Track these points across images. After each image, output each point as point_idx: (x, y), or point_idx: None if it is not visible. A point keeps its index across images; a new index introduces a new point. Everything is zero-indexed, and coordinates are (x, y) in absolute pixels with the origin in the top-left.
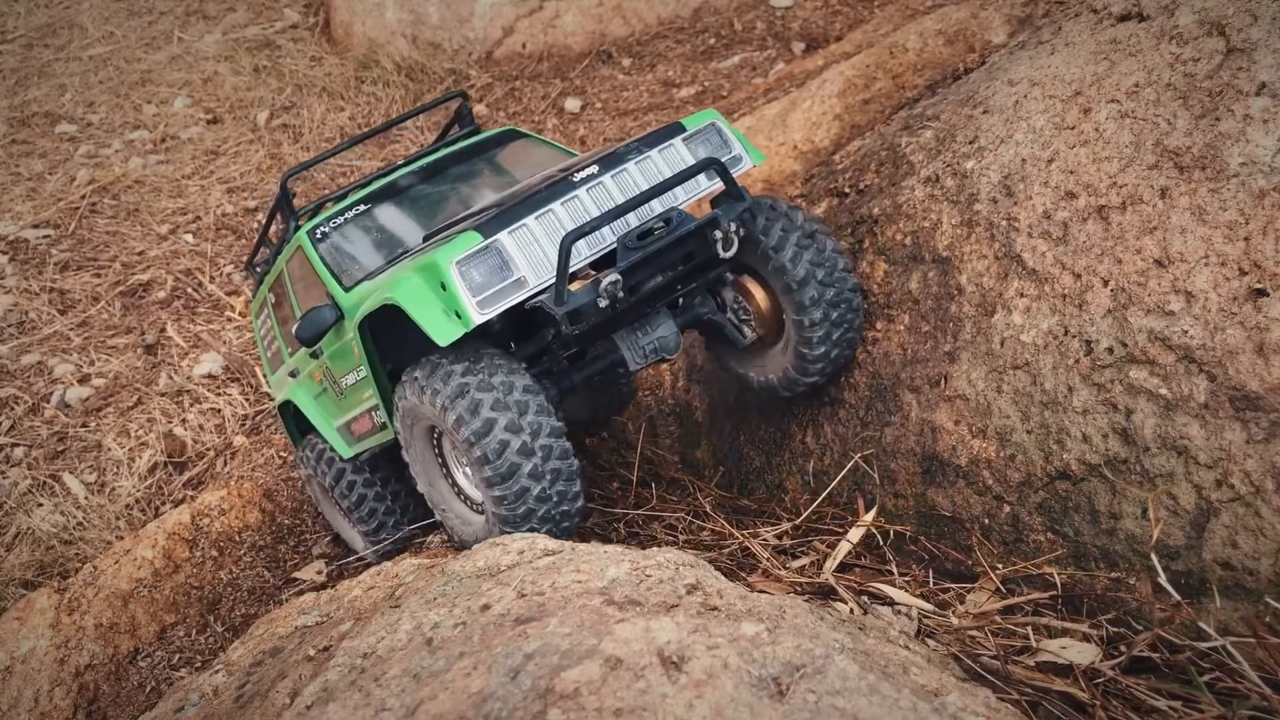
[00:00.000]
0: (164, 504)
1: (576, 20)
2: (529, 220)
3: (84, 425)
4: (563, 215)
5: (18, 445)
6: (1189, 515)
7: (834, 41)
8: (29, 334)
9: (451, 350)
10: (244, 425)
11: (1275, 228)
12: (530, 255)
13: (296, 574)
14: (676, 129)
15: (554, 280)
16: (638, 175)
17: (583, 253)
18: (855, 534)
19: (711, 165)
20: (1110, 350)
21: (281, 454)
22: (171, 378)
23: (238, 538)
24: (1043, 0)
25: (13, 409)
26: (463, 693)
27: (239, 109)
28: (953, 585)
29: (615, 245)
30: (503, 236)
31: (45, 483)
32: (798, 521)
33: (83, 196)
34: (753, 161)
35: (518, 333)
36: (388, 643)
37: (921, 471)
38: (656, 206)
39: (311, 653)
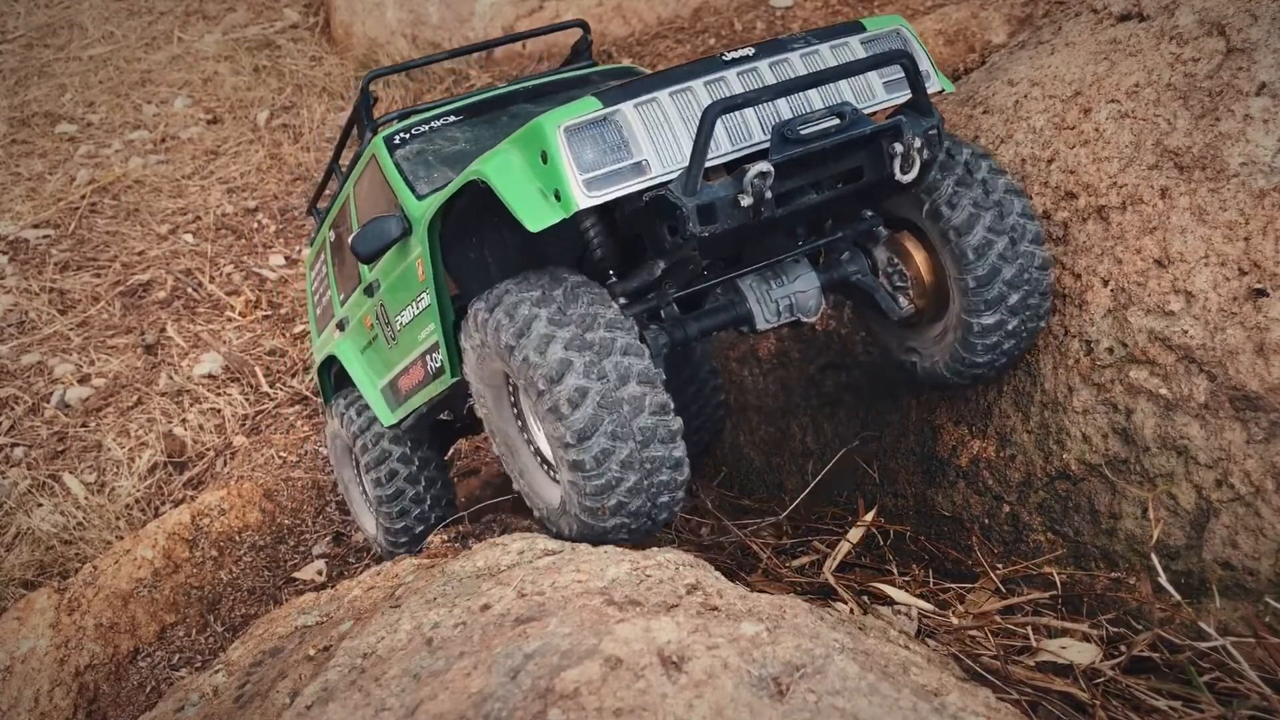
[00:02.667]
0: (164, 504)
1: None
2: (661, 95)
3: (84, 425)
4: (703, 97)
5: (18, 445)
6: (1189, 515)
7: None
8: (29, 334)
9: (527, 275)
10: (244, 425)
11: (1275, 228)
12: (658, 137)
13: (296, 574)
14: (855, 27)
15: (683, 168)
16: (800, 69)
17: (721, 146)
18: (855, 534)
19: (900, 59)
20: (1110, 350)
21: (281, 454)
22: (171, 378)
23: (238, 538)
24: (1043, 0)
25: (13, 409)
26: (463, 693)
27: (239, 109)
28: (953, 585)
29: (764, 143)
30: (626, 108)
31: (45, 483)
32: (782, 515)
33: (83, 196)
34: (941, 85)
35: (622, 267)
36: (388, 643)
37: (921, 471)
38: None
39: (311, 653)
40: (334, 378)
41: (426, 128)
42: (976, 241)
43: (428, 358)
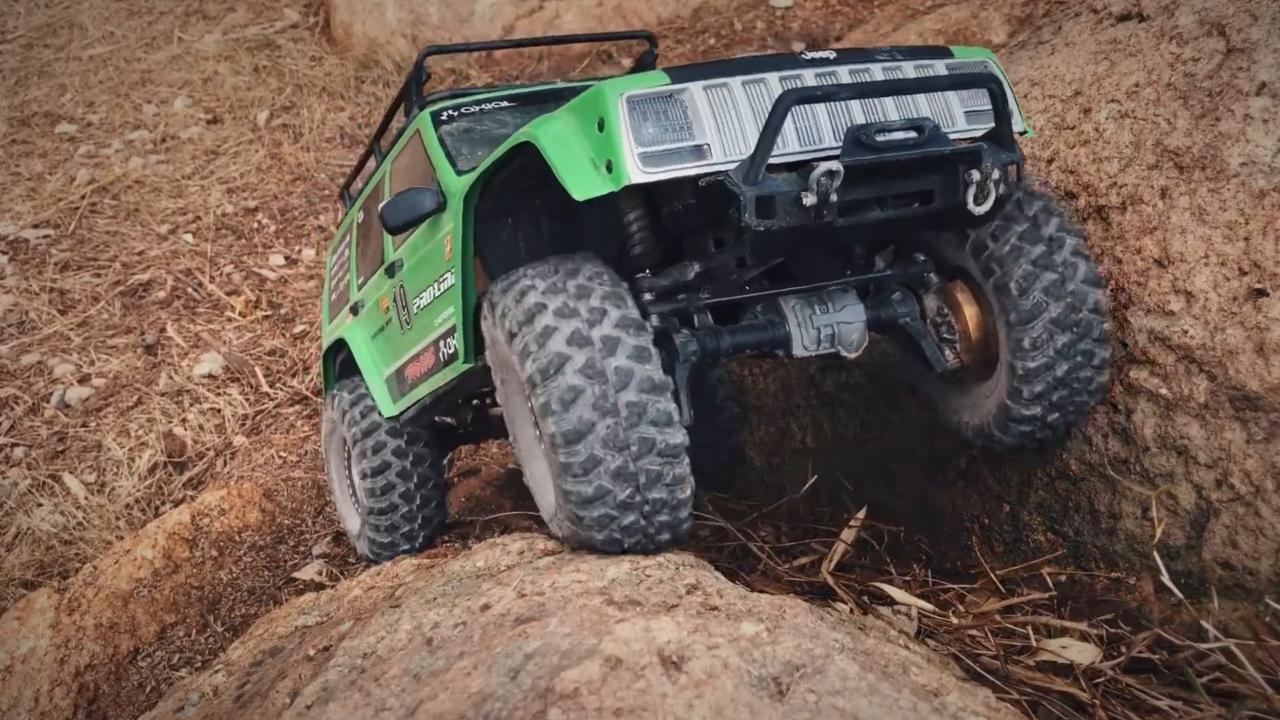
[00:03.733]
0: (164, 504)
1: (576, 20)
2: (733, 81)
3: (84, 425)
4: (776, 89)
5: (18, 445)
6: (1189, 515)
7: (834, 42)
8: (29, 334)
9: (548, 260)
10: (244, 425)
11: (1275, 228)
12: (723, 123)
13: (296, 574)
14: (943, 51)
15: (748, 156)
16: (880, 79)
17: (789, 143)
18: (849, 534)
19: (989, 84)
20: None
21: (281, 454)
22: (171, 378)
23: (238, 538)
24: (1043, 0)
25: (13, 409)
26: (463, 692)
27: (239, 109)
28: (953, 585)
29: (834, 151)
30: (695, 88)
31: (45, 483)
32: (765, 510)
33: (83, 196)
34: (1023, 127)
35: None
36: (388, 643)
37: (921, 471)
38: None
39: (311, 653)
40: (339, 367)
41: (477, 109)
42: (1030, 305)
43: (441, 343)
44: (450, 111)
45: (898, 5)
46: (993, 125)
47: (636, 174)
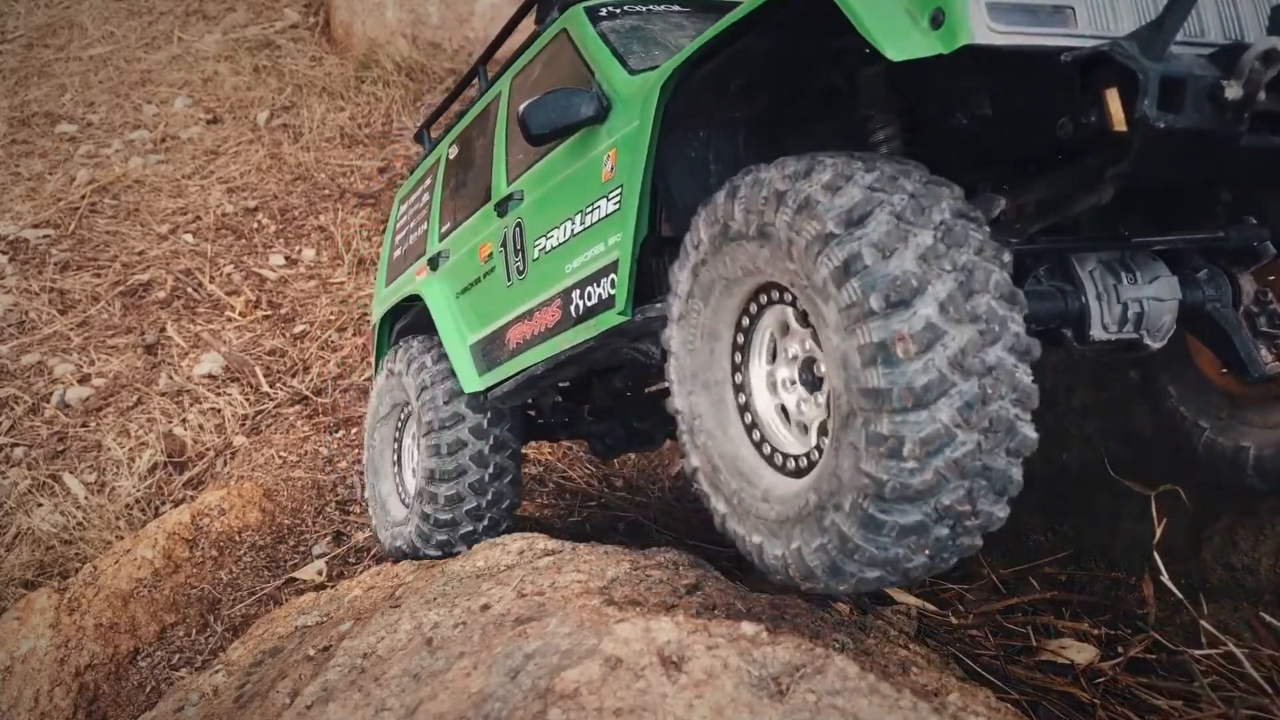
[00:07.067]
0: (164, 504)
1: None
2: None
3: (84, 425)
4: None
5: (18, 445)
6: (1189, 515)
7: None
8: (29, 334)
9: (842, 152)
10: (244, 425)
11: None
12: None
13: (296, 574)
14: None
15: (1149, 23)
16: None
17: (1207, 25)
18: None
19: None
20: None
21: (281, 454)
22: (171, 378)
23: (238, 538)
24: None
25: (13, 409)
26: (463, 693)
27: (239, 109)
28: (953, 585)
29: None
30: None
31: (45, 483)
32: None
33: (83, 196)
34: None
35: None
36: (388, 643)
37: None
38: None
39: (311, 653)
40: (395, 338)
41: (643, 8)
42: None
43: (577, 293)
44: (610, 8)
45: None
46: None
47: (982, 30)
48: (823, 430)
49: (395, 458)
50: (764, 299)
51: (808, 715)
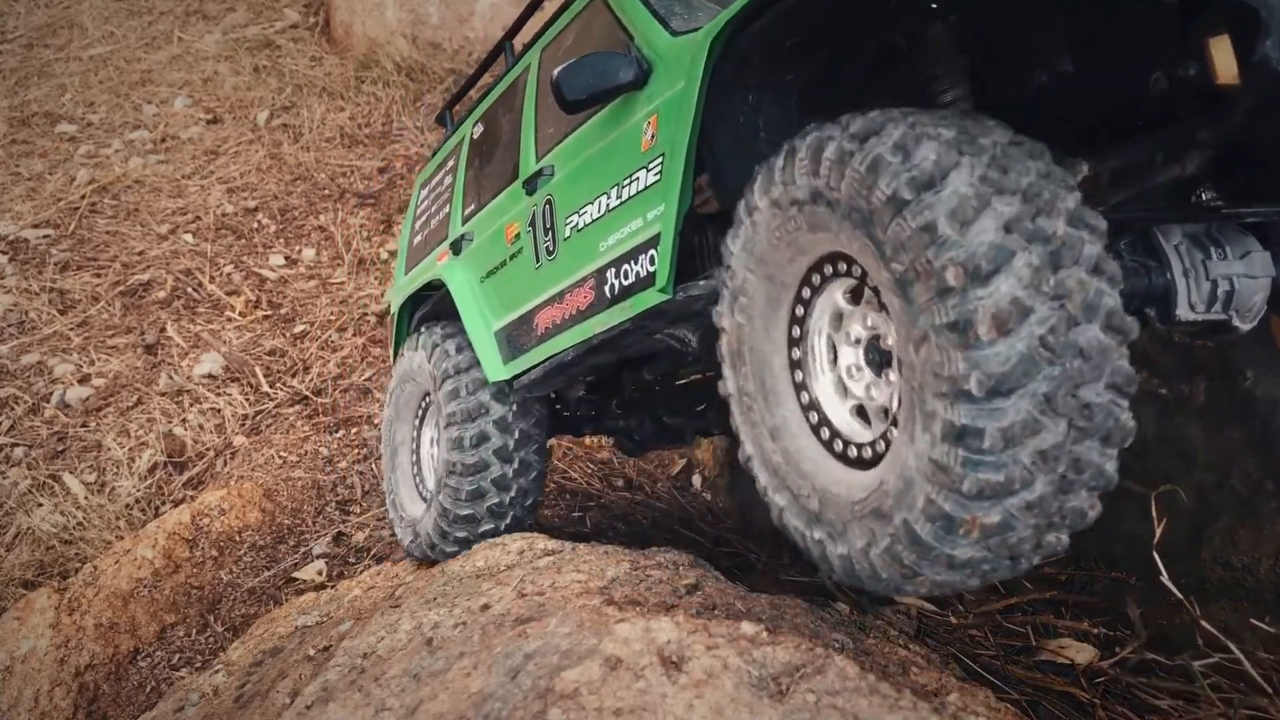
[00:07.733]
0: (164, 504)
1: None
2: None
3: (84, 425)
4: None
5: (18, 445)
6: (1189, 515)
7: None
8: (29, 334)
9: (914, 109)
10: (244, 425)
11: None
12: None
13: (296, 574)
14: None
15: None
16: None
17: None
18: None
19: None
20: None
21: (281, 454)
22: (171, 378)
23: (238, 538)
24: None
25: (13, 409)
26: (463, 693)
27: (239, 109)
28: None
29: None
30: None
31: (45, 483)
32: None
33: (83, 196)
34: None
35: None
36: (388, 643)
37: None
38: None
39: (311, 652)
40: (414, 325)
41: None
42: None
43: (612, 271)
44: None
45: None
46: None
47: None
48: (890, 418)
49: (414, 451)
50: (827, 269)
51: (808, 715)
